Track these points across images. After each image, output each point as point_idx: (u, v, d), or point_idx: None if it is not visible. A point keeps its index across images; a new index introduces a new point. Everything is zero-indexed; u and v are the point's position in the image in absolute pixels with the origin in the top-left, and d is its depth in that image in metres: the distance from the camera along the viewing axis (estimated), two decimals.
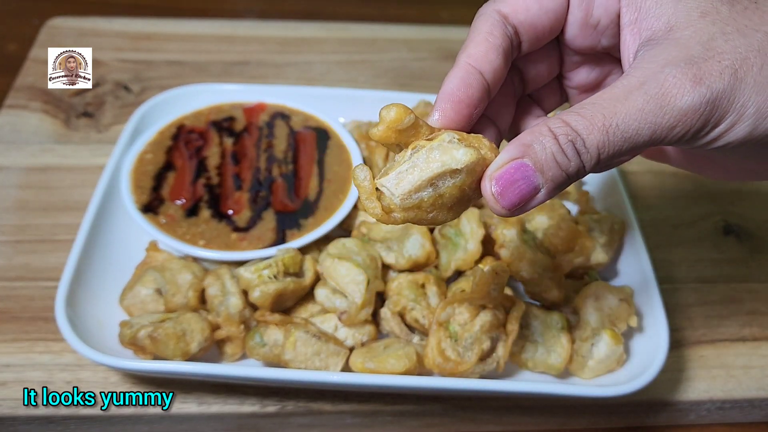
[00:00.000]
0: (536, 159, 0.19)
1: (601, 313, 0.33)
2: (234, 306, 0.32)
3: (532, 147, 0.19)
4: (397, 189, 0.19)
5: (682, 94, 0.18)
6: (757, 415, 0.36)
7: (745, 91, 0.18)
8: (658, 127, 0.18)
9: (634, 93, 0.18)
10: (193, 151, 0.41)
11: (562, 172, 0.19)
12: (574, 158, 0.19)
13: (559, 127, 0.19)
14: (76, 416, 0.32)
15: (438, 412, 0.34)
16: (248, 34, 0.59)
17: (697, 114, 0.18)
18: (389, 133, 0.20)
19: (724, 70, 0.18)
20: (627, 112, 0.18)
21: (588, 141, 0.19)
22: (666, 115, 0.18)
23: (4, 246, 0.39)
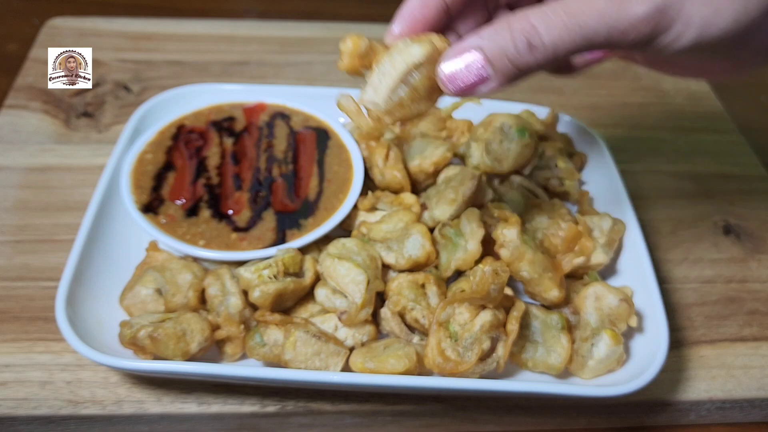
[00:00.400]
0: (488, 50, 0.21)
1: (601, 313, 0.33)
2: (234, 306, 0.32)
3: (486, 38, 0.21)
4: (377, 96, 0.23)
5: (638, 2, 0.19)
6: (757, 415, 0.36)
7: (694, 3, 0.20)
8: (614, 30, 0.20)
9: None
10: (193, 151, 0.41)
11: (512, 66, 0.21)
12: (525, 53, 0.20)
13: (518, 22, 0.20)
14: (77, 416, 0.32)
15: (438, 412, 0.34)
16: (248, 34, 0.59)
17: (649, 21, 0.20)
18: (352, 61, 0.23)
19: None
20: (589, 13, 0.20)
21: (546, 38, 0.20)
22: (622, 20, 0.20)
23: (4, 246, 0.39)
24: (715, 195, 0.47)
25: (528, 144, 0.41)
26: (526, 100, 0.47)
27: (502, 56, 0.21)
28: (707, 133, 0.53)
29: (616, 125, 0.53)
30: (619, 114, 0.54)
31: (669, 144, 0.52)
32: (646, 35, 0.20)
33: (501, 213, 0.35)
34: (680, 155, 0.51)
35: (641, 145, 0.51)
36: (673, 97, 0.57)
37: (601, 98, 0.55)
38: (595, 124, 0.48)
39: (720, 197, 0.47)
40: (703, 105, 0.56)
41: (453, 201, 0.38)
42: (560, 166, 0.42)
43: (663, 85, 0.58)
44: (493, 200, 0.40)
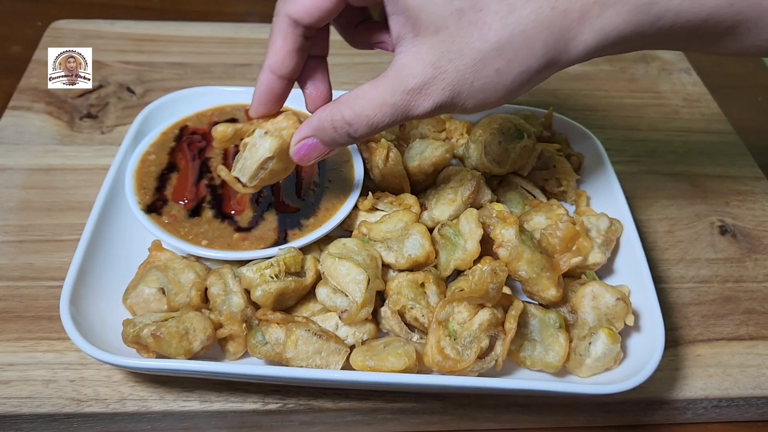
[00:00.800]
0: (321, 137, 0.30)
1: (598, 312, 0.33)
2: (236, 305, 0.32)
3: (318, 130, 0.29)
4: (243, 177, 0.32)
5: (420, 107, 0.26)
6: (754, 413, 0.37)
7: (462, 97, 0.26)
8: (403, 120, 0.27)
9: (388, 100, 0.26)
10: (196, 152, 0.41)
11: (340, 144, 0.30)
12: (346, 138, 0.29)
13: (336, 120, 0.28)
14: (80, 414, 0.32)
15: (437, 410, 0.34)
16: (250, 37, 0.59)
17: (431, 113, 0.27)
18: (224, 144, 0.32)
19: (446, 86, 0.26)
20: (384, 113, 0.27)
21: (356, 131, 0.28)
22: (412, 114, 0.27)
23: (8, 246, 0.40)
24: (712, 195, 0.48)
25: (526, 145, 0.42)
26: (524, 102, 0.48)
27: (332, 142, 0.30)
28: (703, 134, 0.53)
29: (613, 126, 0.53)
30: (615, 115, 0.55)
31: (665, 145, 0.52)
32: (433, 115, 0.27)
33: (499, 213, 0.36)
34: (677, 156, 0.51)
35: (638, 145, 0.52)
36: (670, 98, 0.57)
37: (598, 100, 0.56)
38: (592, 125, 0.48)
39: (716, 197, 0.47)
40: (700, 106, 0.56)
41: (452, 201, 0.38)
42: (558, 167, 0.43)
43: (659, 87, 0.58)
44: (491, 201, 0.40)
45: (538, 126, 0.45)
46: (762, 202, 0.48)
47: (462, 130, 0.44)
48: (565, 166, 0.43)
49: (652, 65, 0.60)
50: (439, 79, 0.25)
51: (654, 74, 0.60)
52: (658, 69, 0.60)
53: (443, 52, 0.25)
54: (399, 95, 0.26)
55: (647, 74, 0.60)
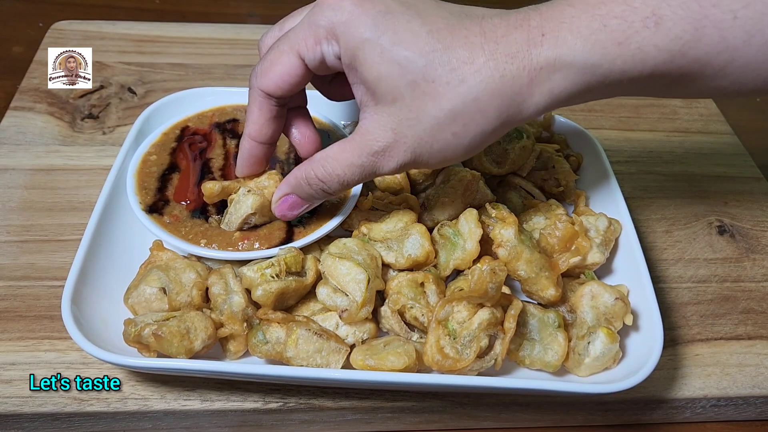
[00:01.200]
0: (298, 194, 0.33)
1: (597, 312, 0.34)
2: (237, 304, 0.33)
3: (295, 188, 0.32)
4: (231, 226, 0.36)
5: (386, 167, 0.29)
6: (752, 412, 0.37)
7: (424, 157, 0.28)
8: (372, 177, 0.30)
9: (356, 161, 0.29)
10: (197, 153, 0.41)
11: (316, 198, 0.33)
12: (321, 193, 0.32)
13: (311, 178, 0.31)
14: (81, 413, 0.32)
15: (437, 409, 0.34)
16: (251, 38, 0.59)
17: (397, 171, 0.29)
18: (213, 200, 0.36)
19: (407, 149, 0.28)
20: (353, 172, 0.29)
21: (329, 188, 0.31)
22: (378, 172, 0.30)
23: (10, 246, 0.40)
24: (710, 195, 0.48)
25: (525, 146, 0.42)
26: None
27: (309, 197, 0.33)
28: (702, 135, 0.54)
29: (611, 127, 0.54)
30: (614, 116, 0.55)
31: (664, 145, 0.52)
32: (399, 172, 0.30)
33: (499, 213, 0.36)
34: (675, 156, 0.51)
35: (636, 146, 0.52)
36: (669, 98, 0.57)
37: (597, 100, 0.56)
38: (591, 126, 0.49)
39: (715, 197, 0.48)
40: (698, 107, 0.57)
41: (451, 201, 0.38)
42: (557, 167, 0.43)
43: None
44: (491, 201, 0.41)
45: (537, 126, 0.45)
46: (760, 203, 0.48)
47: None
48: (564, 166, 0.43)
49: None
50: (401, 143, 0.27)
51: None
52: None
53: (402, 120, 0.27)
54: (365, 157, 0.28)
55: None
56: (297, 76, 0.30)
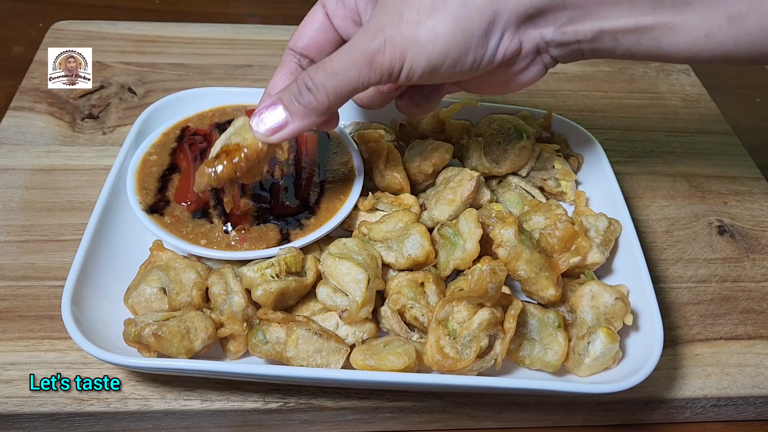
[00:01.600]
0: (283, 99, 0.30)
1: (596, 312, 0.34)
2: (237, 304, 0.33)
3: (282, 92, 0.30)
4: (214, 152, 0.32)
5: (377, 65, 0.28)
6: (752, 412, 0.37)
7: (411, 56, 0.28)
8: (362, 74, 0.28)
9: (353, 50, 0.28)
10: (197, 153, 0.41)
11: (300, 106, 0.29)
12: (306, 94, 0.29)
13: (300, 75, 0.29)
14: (81, 413, 0.32)
15: (437, 409, 0.34)
16: (251, 38, 0.59)
17: (386, 68, 0.28)
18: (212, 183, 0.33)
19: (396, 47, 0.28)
20: (344, 62, 0.28)
21: (315, 79, 0.29)
22: (369, 67, 0.28)
23: (10, 246, 0.40)
24: (710, 195, 0.48)
25: (525, 146, 0.42)
26: (523, 103, 0.48)
27: (292, 100, 0.29)
28: (702, 135, 0.54)
29: (611, 127, 0.54)
30: (614, 116, 0.55)
31: (664, 145, 0.52)
32: (387, 76, 0.29)
33: (498, 213, 0.36)
34: (675, 156, 0.51)
35: (636, 146, 0.52)
36: (669, 99, 0.57)
37: (596, 100, 0.56)
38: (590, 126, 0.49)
39: (714, 197, 0.48)
40: (698, 107, 0.57)
41: (451, 201, 0.38)
42: (557, 167, 0.43)
43: (658, 87, 0.59)
44: (490, 201, 0.41)
45: (537, 126, 0.45)
46: (760, 202, 0.48)
47: (462, 131, 0.45)
48: (564, 166, 0.43)
49: (651, 66, 0.61)
50: (390, 43, 0.28)
51: (653, 75, 0.60)
52: (657, 70, 0.60)
53: (392, 17, 0.28)
54: (360, 55, 0.28)
55: (646, 75, 0.60)
56: (320, 29, 0.32)
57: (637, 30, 0.28)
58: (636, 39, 0.28)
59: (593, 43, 0.29)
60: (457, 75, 0.29)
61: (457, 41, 0.28)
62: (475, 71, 0.29)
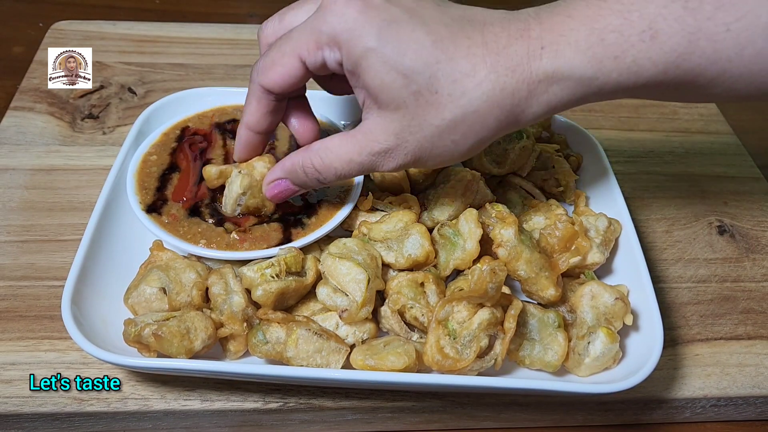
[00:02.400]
0: (292, 179, 0.33)
1: (597, 312, 0.34)
2: (237, 304, 0.33)
3: (289, 173, 0.33)
4: (228, 209, 0.37)
5: (385, 166, 0.30)
6: (752, 412, 0.37)
7: (423, 160, 0.30)
8: (366, 173, 0.33)
9: (355, 158, 0.30)
10: (197, 153, 0.41)
11: (308, 186, 0.33)
12: (315, 182, 0.32)
13: (307, 167, 0.32)
14: (81, 413, 0.32)
15: (437, 409, 0.34)
16: (251, 38, 0.59)
17: (395, 170, 0.31)
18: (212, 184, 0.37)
19: (408, 153, 0.29)
20: (351, 168, 0.30)
21: (324, 178, 0.32)
22: (374, 170, 0.31)
23: (10, 246, 0.40)
24: (710, 195, 0.48)
25: (525, 146, 0.42)
26: None
27: (302, 184, 0.33)
28: (702, 135, 0.54)
29: (611, 127, 0.54)
30: (614, 115, 0.55)
31: (664, 145, 0.52)
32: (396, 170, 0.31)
33: (498, 213, 0.36)
34: (675, 156, 0.51)
35: (636, 146, 0.52)
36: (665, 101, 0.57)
37: None
38: (590, 126, 0.49)
39: (715, 197, 0.48)
40: (698, 107, 0.57)
41: (451, 201, 0.38)
42: (557, 168, 0.43)
43: None
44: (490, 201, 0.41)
45: (537, 126, 0.45)
46: (760, 203, 0.48)
47: None
48: (564, 166, 0.43)
49: None
50: (402, 147, 0.29)
51: None
52: None
53: (404, 126, 0.28)
54: (365, 156, 0.29)
55: None
56: (297, 77, 0.30)
57: None
58: None
59: None
60: None
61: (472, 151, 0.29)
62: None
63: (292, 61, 0.29)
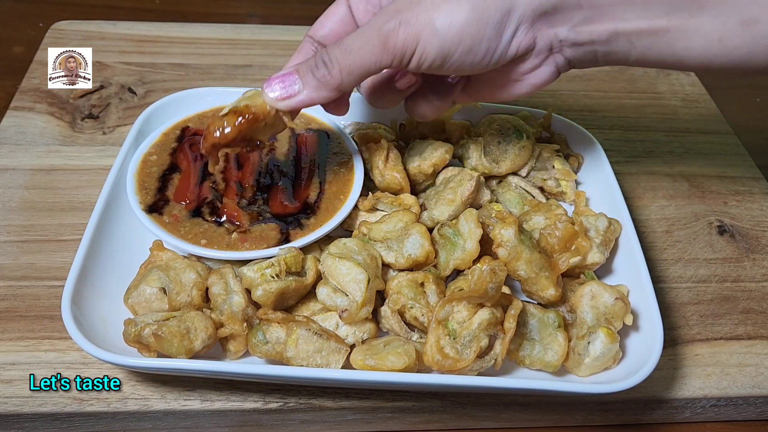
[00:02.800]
0: (299, 69, 0.31)
1: (597, 312, 0.34)
2: (237, 304, 0.33)
3: (299, 64, 0.31)
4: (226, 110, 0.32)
5: (391, 44, 0.29)
6: (752, 412, 0.37)
7: (426, 40, 0.28)
8: (376, 54, 0.29)
9: (369, 30, 0.29)
10: (197, 154, 0.41)
11: (314, 78, 0.30)
12: (321, 67, 0.30)
13: (319, 51, 0.30)
14: (81, 413, 0.32)
15: (437, 409, 0.34)
16: (251, 38, 0.59)
17: (399, 49, 0.29)
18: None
19: (410, 29, 0.28)
20: (359, 40, 0.29)
21: (331, 55, 0.29)
22: (383, 47, 0.29)
23: (11, 246, 0.40)
24: (710, 195, 0.48)
25: (525, 146, 0.42)
26: (523, 103, 0.48)
27: (306, 72, 0.30)
28: (702, 135, 0.54)
29: (611, 127, 0.54)
30: (614, 116, 0.55)
31: (664, 145, 0.52)
32: (398, 59, 0.29)
33: (498, 213, 0.36)
34: (675, 156, 0.51)
35: (636, 146, 0.52)
36: (669, 98, 0.57)
37: (596, 100, 0.56)
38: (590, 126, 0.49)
39: (715, 197, 0.48)
40: (698, 107, 0.57)
41: (451, 201, 0.38)
42: (557, 167, 0.43)
43: (658, 87, 0.59)
44: (490, 201, 0.41)
45: (537, 126, 0.45)
46: (760, 202, 0.48)
47: (461, 131, 0.45)
48: (564, 166, 0.43)
49: None
50: (405, 24, 0.29)
51: (653, 75, 0.60)
52: (657, 70, 0.60)
53: (410, 4, 0.29)
54: (375, 35, 0.29)
55: (646, 75, 0.60)
56: (341, 21, 0.33)
57: (651, 32, 0.28)
58: (650, 42, 0.28)
59: (608, 44, 0.29)
60: (468, 67, 0.29)
61: (472, 28, 0.28)
62: (487, 64, 0.29)
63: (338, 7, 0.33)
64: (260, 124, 0.31)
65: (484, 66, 0.29)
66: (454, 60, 0.28)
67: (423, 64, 0.29)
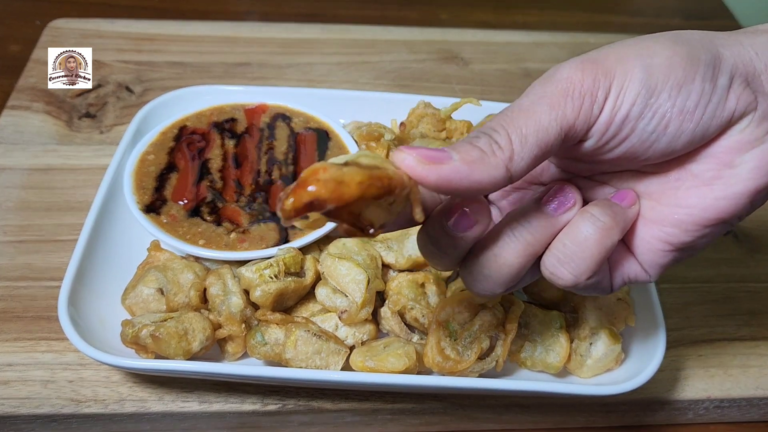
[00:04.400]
0: (454, 146, 0.20)
1: (599, 313, 0.33)
2: (235, 305, 0.32)
3: (459, 144, 0.20)
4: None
5: (581, 79, 0.21)
6: (755, 414, 0.37)
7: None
8: (556, 107, 0.20)
9: (537, 86, 0.21)
10: (195, 153, 0.41)
11: (472, 147, 0.20)
12: (482, 137, 0.20)
13: (493, 123, 0.20)
14: (79, 415, 0.32)
15: (438, 410, 0.34)
16: (250, 36, 0.59)
17: (587, 89, 0.21)
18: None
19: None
20: (529, 98, 0.21)
21: (494, 122, 0.20)
22: (564, 95, 0.21)
23: (7, 246, 0.39)
24: None
25: None
26: None
27: (462, 143, 0.20)
28: None
29: None
30: None
31: None
32: (589, 106, 0.21)
33: None
34: None
35: None
36: None
37: None
38: None
39: None
40: None
41: None
42: None
43: None
44: None
45: None
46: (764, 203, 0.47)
47: (462, 130, 0.44)
48: None
49: None
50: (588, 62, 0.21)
51: None
52: None
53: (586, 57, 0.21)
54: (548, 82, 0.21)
55: None
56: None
57: None
58: None
59: None
60: (676, 117, 0.20)
61: (681, 60, 0.20)
62: (701, 117, 0.20)
63: None
64: (388, 199, 0.19)
65: (697, 120, 0.20)
66: (661, 102, 0.20)
67: (620, 108, 0.20)
